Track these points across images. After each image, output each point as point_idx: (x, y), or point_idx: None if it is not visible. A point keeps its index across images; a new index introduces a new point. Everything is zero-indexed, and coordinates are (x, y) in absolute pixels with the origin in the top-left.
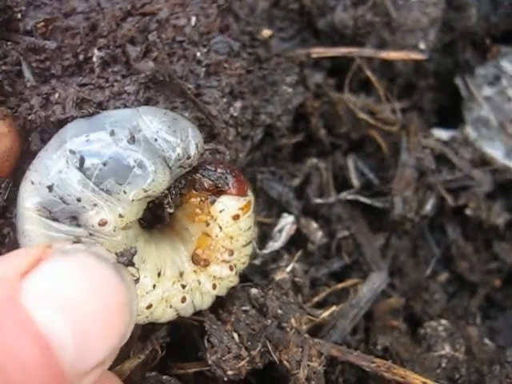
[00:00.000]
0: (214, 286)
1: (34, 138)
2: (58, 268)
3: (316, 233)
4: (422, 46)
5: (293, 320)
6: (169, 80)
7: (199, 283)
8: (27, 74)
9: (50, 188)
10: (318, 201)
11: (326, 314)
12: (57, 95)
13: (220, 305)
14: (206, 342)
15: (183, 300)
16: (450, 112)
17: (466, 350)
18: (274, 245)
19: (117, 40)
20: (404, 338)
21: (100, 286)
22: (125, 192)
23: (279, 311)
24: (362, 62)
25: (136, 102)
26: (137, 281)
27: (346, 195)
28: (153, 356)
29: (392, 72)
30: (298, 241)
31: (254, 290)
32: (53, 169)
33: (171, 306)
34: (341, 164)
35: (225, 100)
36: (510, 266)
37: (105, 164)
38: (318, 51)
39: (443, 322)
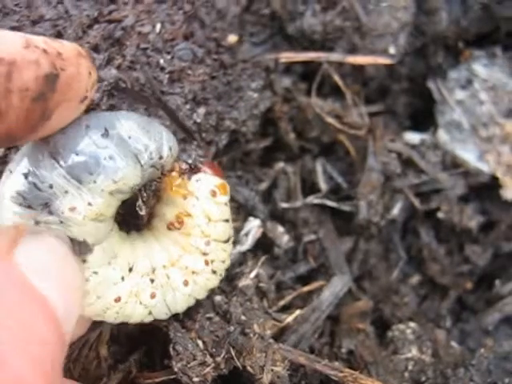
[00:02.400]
0: (186, 283)
1: None
2: (33, 245)
3: (282, 237)
4: (392, 50)
5: (256, 326)
6: (136, 87)
7: (168, 277)
8: None
9: (26, 175)
10: (285, 205)
11: (290, 318)
12: None
13: (184, 313)
14: (171, 349)
15: (153, 296)
16: (424, 115)
17: (433, 352)
18: (241, 248)
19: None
20: (370, 340)
21: (66, 262)
22: (95, 182)
23: (243, 317)
24: (330, 67)
25: (99, 109)
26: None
27: (313, 199)
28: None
29: (364, 76)
30: (264, 245)
31: (217, 298)
32: (30, 157)
33: (141, 303)
34: (310, 168)
35: (188, 106)
36: (481, 268)
37: (77, 154)
38: (287, 56)
39: (412, 324)
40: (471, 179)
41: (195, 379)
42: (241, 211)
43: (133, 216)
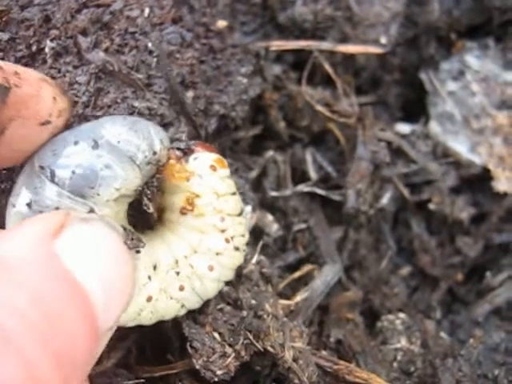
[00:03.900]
0: (211, 268)
1: None
2: (81, 232)
3: (272, 225)
4: (383, 40)
5: (268, 306)
6: (124, 71)
7: (192, 267)
8: None
9: (29, 205)
10: (274, 193)
11: (298, 298)
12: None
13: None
14: (188, 348)
15: (181, 288)
16: (416, 106)
17: (422, 343)
18: None
19: (68, 31)
20: (358, 330)
21: (116, 252)
22: (98, 194)
23: (253, 301)
24: (321, 56)
25: (87, 92)
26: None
27: (303, 188)
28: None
29: (356, 66)
30: (254, 233)
31: (225, 288)
32: (28, 187)
33: (172, 298)
34: (299, 157)
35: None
36: (472, 260)
37: (73, 172)
38: (278, 44)
39: (401, 315)
40: (463, 171)
41: (219, 372)
42: None
43: (143, 215)
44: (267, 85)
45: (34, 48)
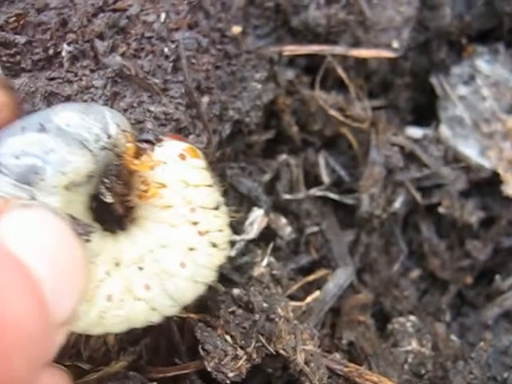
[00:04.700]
0: (183, 265)
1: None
2: (22, 217)
3: (285, 228)
4: (395, 44)
5: (279, 310)
6: (141, 75)
7: (158, 262)
8: None
9: None
10: (288, 196)
11: (309, 298)
12: (26, 89)
13: (207, 312)
14: (200, 350)
15: (147, 287)
16: (426, 110)
17: (433, 345)
18: (246, 237)
19: (85, 35)
20: (370, 333)
21: (61, 237)
22: (43, 180)
23: (265, 304)
24: (334, 60)
25: (103, 96)
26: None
27: (316, 191)
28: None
29: (367, 70)
30: (266, 236)
31: (236, 291)
32: None
33: (138, 298)
34: (312, 161)
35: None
36: (481, 263)
37: (18, 157)
38: (291, 49)
39: (411, 318)
40: (472, 175)
41: (230, 374)
42: (244, 202)
43: (110, 212)
44: (280, 90)
45: (50, 51)
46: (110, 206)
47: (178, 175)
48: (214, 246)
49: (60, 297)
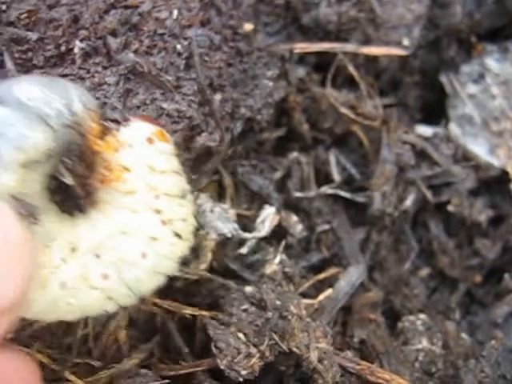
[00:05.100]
0: (144, 255)
1: None
2: None
3: (296, 226)
4: (405, 42)
5: (292, 307)
6: (154, 72)
7: (116, 250)
8: (9, 64)
9: None
10: (299, 194)
11: (322, 296)
12: None
13: (219, 309)
14: (213, 348)
15: (104, 276)
16: (435, 109)
17: (443, 344)
18: (258, 234)
19: (98, 32)
20: (381, 331)
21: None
22: None
23: (277, 302)
24: (345, 58)
25: (116, 92)
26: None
27: (327, 189)
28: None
29: (377, 68)
30: (278, 234)
31: (248, 288)
32: None
33: (94, 287)
34: (323, 159)
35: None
36: (490, 262)
37: None
38: (301, 46)
39: (422, 316)
40: (481, 173)
41: (243, 372)
42: (255, 200)
43: (69, 195)
44: (291, 87)
45: (62, 48)
46: (70, 188)
47: (144, 159)
48: (178, 236)
49: (1, 280)
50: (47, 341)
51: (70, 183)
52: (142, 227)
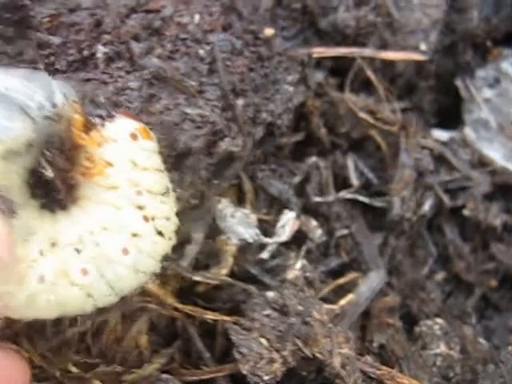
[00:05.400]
0: (125, 251)
1: None
2: None
3: (315, 230)
4: (423, 47)
5: (315, 313)
6: (177, 77)
7: (97, 245)
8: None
9: None
10: (318, 199)
11: (343, 301)
12: None
13: (240, 314)
14: (235, 353)
15: (84, 272)
16: (450, 113)
17: (461, 348)
18: (278, 239)
19: (121, 36)
20: (400, 335)
21: None
22: None
23: (300, 308)
24: (363, 62)
25: (139, 97)
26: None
27: (346, 194)
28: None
29: (393, 72)
30: (297, 238)
31: (270, 294)
32: None
33: (74, 284)
34: (341, 163)
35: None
36: (506, 266)
37: None
38: (319, 51)
39: (439, 320)
40: (497, 178)
41: (265, 377)
42: (273, 205)
43: (51, 189)
44: (310, 92)
45: (85, 53)
46: (51, 183)
47: (127, 155)
48: (160, 234)
49: None
50: (74, 347)
51: (50, 176)
52: (124, 223)
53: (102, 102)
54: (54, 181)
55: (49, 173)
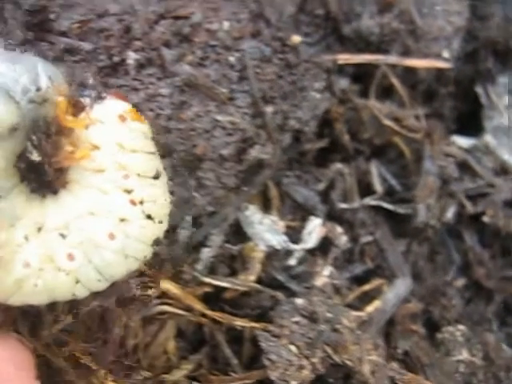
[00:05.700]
0: (112, 236)
1: None
2: None
3: (341, 237)
4: (445, 54)
5: (344, 320)
6: (208, 84)
7: (83, 230)
8: None
9: None
10: (343, 205)
11: (371, 308)
12: None
13: (267, 320)
14: (264, 360)
15: (70, 257)
16: (470, 119)
17: (484, 355)
18: (305, 246)
19: (152, 43)
20: (423, 342)
21: None
22: None
23: (328, 315)
24: (387, 69)
25: (171, 104)
26: None
27: (370, 201)
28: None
29: (414, 79)
30: (322, 245)
31: (299, 300)
32: None
33: (62, 269)
34: (364, 170)
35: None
36: None
37: None
38: (344, 57)
39: (460, 327)
40: None
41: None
42: (298, 211)
43: (39, 174)
44: (334, 99)
45: (115, 59)
46: (38, 167)
47: (114, 137)
48: (149, 217)
49: None
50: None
51: (37, 160)
52: (111, 207)
53: (91, 83)
54: (40, 165)
55: (35, 157)
